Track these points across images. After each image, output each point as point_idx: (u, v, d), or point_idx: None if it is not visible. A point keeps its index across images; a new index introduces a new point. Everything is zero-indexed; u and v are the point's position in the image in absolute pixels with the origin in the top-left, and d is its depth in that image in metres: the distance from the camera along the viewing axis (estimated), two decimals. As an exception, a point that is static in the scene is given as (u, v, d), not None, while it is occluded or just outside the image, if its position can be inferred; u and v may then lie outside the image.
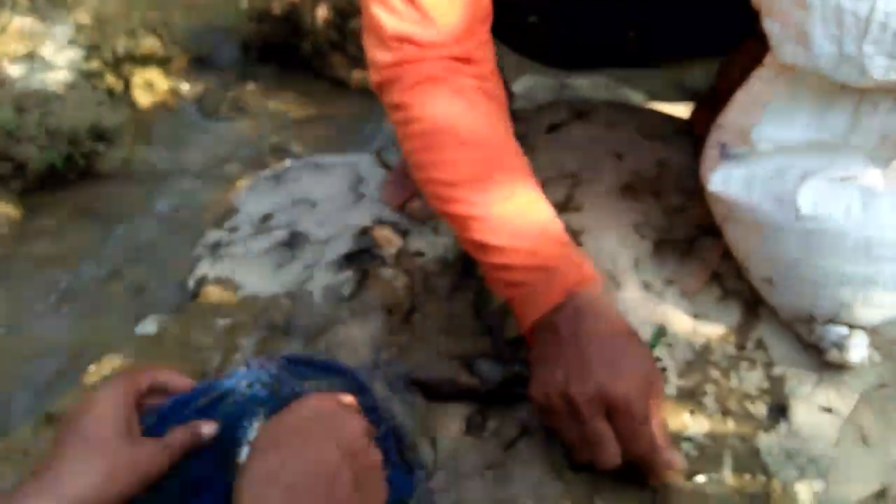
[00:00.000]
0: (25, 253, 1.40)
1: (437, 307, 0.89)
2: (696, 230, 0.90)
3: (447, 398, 0.80)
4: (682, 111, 1.16)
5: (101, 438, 0.58)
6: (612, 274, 0.87)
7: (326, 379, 0.74)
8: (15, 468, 0.80)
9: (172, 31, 1.95)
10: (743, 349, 0.79)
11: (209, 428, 0.63)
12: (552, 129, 1.10)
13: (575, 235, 0.92)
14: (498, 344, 0.84)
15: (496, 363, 0.79)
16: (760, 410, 0.73)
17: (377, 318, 0.90)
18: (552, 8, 0.94)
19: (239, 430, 0.69)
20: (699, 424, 0.71)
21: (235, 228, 1.12)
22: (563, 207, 0.96)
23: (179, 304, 1.01)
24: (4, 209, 1.45)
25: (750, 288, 0.82)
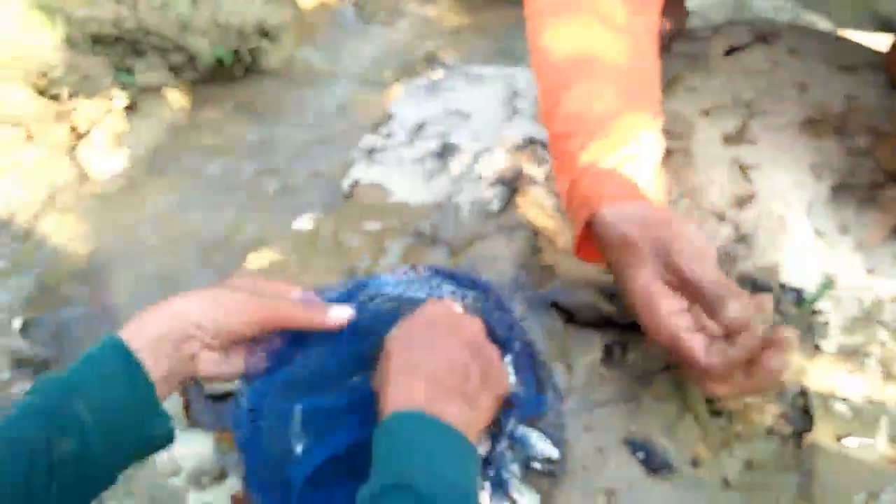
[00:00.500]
0: (193, 143, 1.51)
1: (585, 232, 0.90)
2: (881, 176, 0.84)
3: (587, 325, 0.81)
4: (875, 42, 1.06)
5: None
6: (781, 216, 0.83)
7: (466, 291, 0.78)
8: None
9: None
10: (919, 312, 0.74)
11: (344, 312, 0.70)
12: (730, 51, 1.05)
13: (745, 171, 0.88)
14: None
15: (642, 296, 0.79)
16: (929, 379, 0.70)
17: (523, 236, 0.91)
18: None
19: (382, 329, 0.75)
20: (857, 386, 0.69)
21: (390, 135, 1.16)
22: (734, 139, 0.92)
23: (332, 204, 1.07)
24: (177, 98, 1.57)
25: (938, 246, 0.77)
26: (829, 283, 0.75)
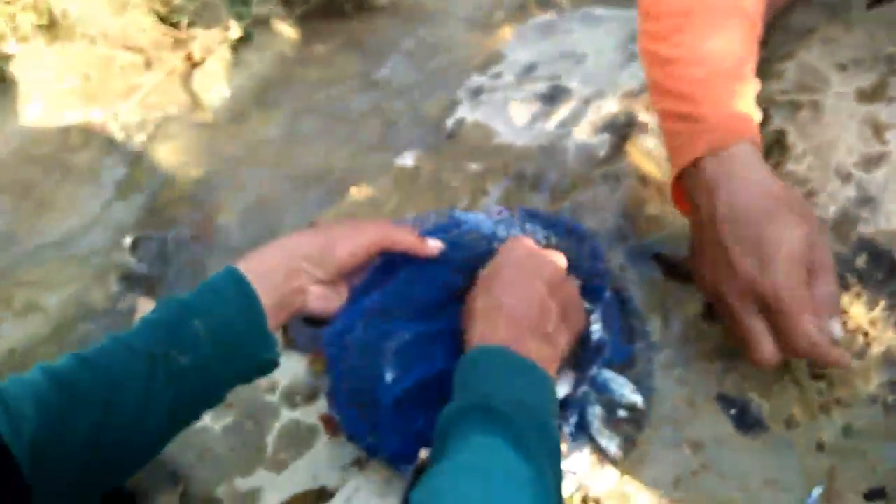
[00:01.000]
0: (301, 77, 1.57)
1: (695, 184, 0.90)
2: None
3: (689, 279, 0.82)
4: None
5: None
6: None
7: (557, 236, 0.80)
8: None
9: None
10: None
11: (435, 244, 0.75)
12: (874, 3, 1.01)
13: (880, 130, 0.86)
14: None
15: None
16: None
17: (629, 186, 0.92)
18: None
19: (472, 265, 0.79)
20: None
21: (499, 75, 1.18)
22: (870, 96, 0.89)
23: (435, 142, 1.11)
24: (288, 31, 1.63)
25: None
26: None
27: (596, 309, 0.76)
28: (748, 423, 0.71)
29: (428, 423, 0.71)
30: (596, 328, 0.75)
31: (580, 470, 0.70)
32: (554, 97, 1.10)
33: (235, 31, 1.61)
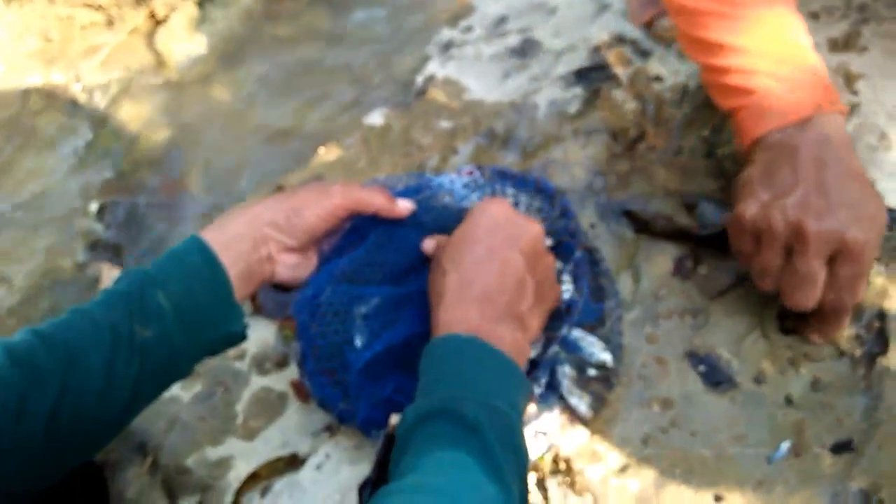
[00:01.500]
0: (268, 33, 1.54)
1: (665, 139, 0.89)
2: None
3: (660, 235, 0.82)
4: None
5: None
6: (883, 132, 0.81)
7: (528, 195, 0.79)
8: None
9: None
10: None
11: (406, 203, 0.73)
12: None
13: (851, 80, 0.85)
14: (727, 188, 0.83)
15: (721, 207, 0.79)
16: None
17: (600, 141, 0.91)
18: None
19: (442, 227, 0.78)
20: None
21: (469, 28, 1.15)
22: (842, 46, 0.88)
23: (405, 100, 1.09)
24: (254, -15, 1.59)
25: None
26: (925, 203, 0.73)
27: (566, 268, 0.76)
28: (717, 379, 0.71)
29: (398, 388, 0.71)
30: (567, 288, 0.74)
31: (551, 430, 0.70)
32: (524, 51, 1.08)
33: (199, -14, 1.57)
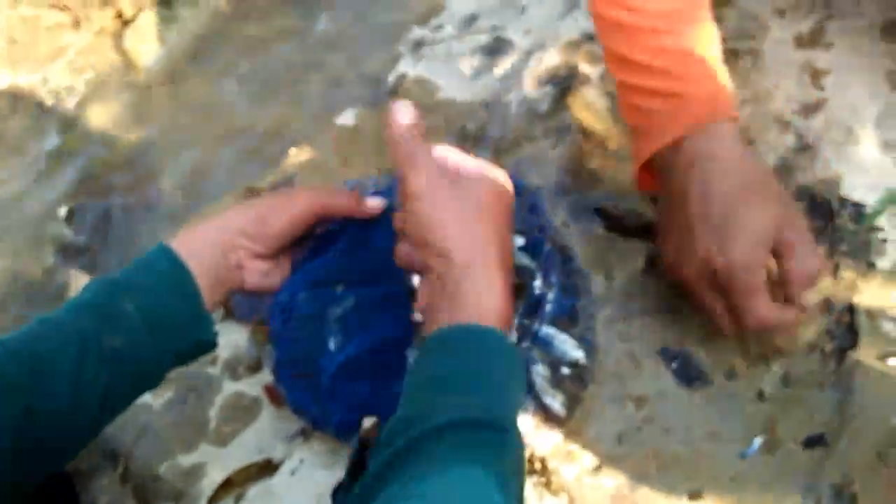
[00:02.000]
0: (236, 34, 1.53)
1: (637, 137, 0.89)
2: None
3: (632, 233, 0.82)
4: None
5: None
6: (849, 126, 0.81)
7: None
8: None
9: None
10: None
11: (375, 202, 0.73)
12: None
13: (817, 76, 0.86)
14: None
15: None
16: None
17: (571, 139, 0.91)
18: None
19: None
20: (909, 305, 0.69)
21: (440, 27, 1.15)
22: (808, 42, 0.89)
23: (377, 99, 1.08)
24: (223, -16, 1.58)
25: None
26: (891, 198, 0.74)
27: (536, 263, 0.76)
28: (690, 375, 0.72)
29: (373, 390, 0.71)
30: (537, 283, 0.74)
31: (525, 430, 0.70)
32: (496, 49, 1.08)
33: (167, -15, 1.55)
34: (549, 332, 0.72)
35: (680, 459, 0.67)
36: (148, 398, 0.80)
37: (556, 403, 0.70)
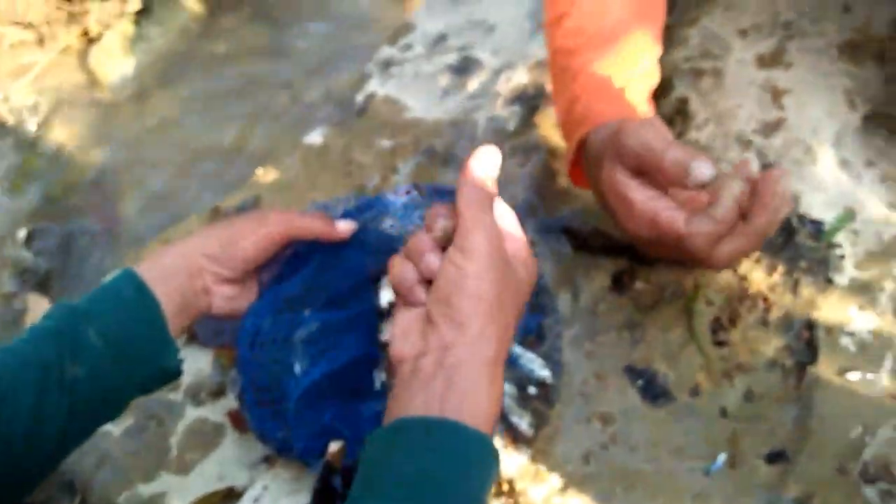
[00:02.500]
0: (206, 51, 1.53)
1: (602, 156, 0.91)
2: (920, 107, 0.84)
3: (598, 252, 0.83)
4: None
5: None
6: (808, 145, 0.84)
7: None
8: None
9: None
10: (944, 250, 0.75)
11: (346, 225, 0.73)
12: None
13: (778, 96, 0.88)
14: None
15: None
16: (944, 320, 0.71)
17: (539, 158, 0.93)
18: None
19: (384, 249, 0.79)
20: (866, 321, 0.71)
21: (409, 46, 1.17)
22: (768, 62, 0.92)
23: (345, 118, 1.09)
24: (191, 3, 1.58)
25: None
26: (849, 214, 0.76)
27: None
28: (655, 393, 0.73)
29: (337, 415, 0.71)
30: None
31: (492, 450, 0.70)
32: (464, 69, 1.09)
33: (134, 2, 1.55)
34: (516, 351, 0.73)
35: (646, 477, 0.68)
36: (108, 425, 0.79)
37: (523, 423, 0.71)
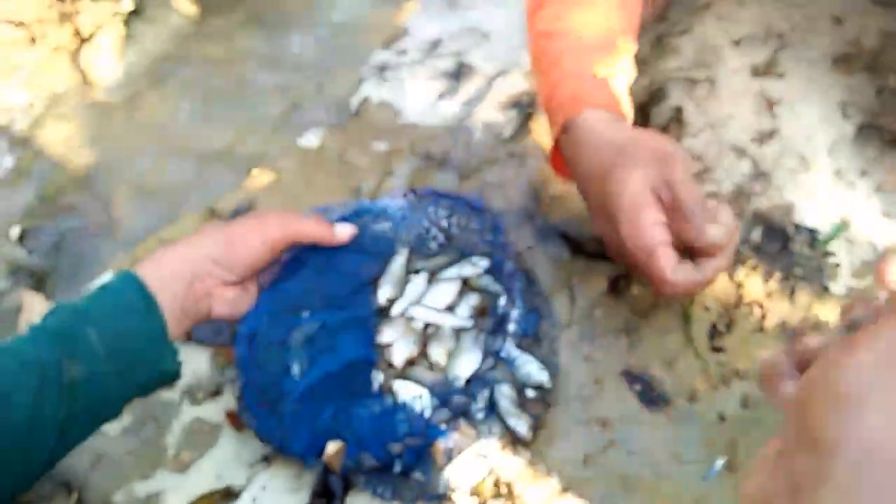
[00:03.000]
0: (197, 54, 1.52)
1: (599, 162, 0.91)
2: (912, 118, 0.84)
3: (594, 256, 0.83)
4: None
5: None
6: (802, 154, 0.84)
7: (460, 214, 0.81)
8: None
9: None
10: (936, 259, 0.76)
11: (345, 229, 0.73)
12: None
13: (770, 105, 0.89)
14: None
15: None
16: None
17: (535, 163, 0.93)
18: None
19: (382, 252, 0.79)
20: (862, 328, 0.71)
21: (404, 51, 1.16)
22: (762, 71, 0.92)
23: (340, 121, 1.08)
24: (184, 4, 1.57)
25: (963, 192, 0.77)
26: (843, 224, 0.77)
27: (500, 284, 0.77)
28: (652, 398, 0.73)
29: (335, 414, 0.71)
30: (501, 302, 0.75)
31: (491, 453, 0.70)
32: (459, 74, 1.09)
33: (127, 3, 1.54)
34: (514, 353, 0.72)
35: (644, 482, 0.68)
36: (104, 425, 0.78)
37: (521, 426, 0.71)
